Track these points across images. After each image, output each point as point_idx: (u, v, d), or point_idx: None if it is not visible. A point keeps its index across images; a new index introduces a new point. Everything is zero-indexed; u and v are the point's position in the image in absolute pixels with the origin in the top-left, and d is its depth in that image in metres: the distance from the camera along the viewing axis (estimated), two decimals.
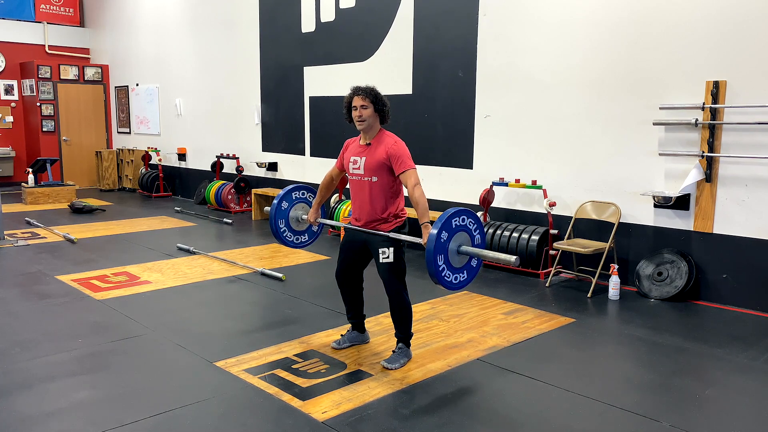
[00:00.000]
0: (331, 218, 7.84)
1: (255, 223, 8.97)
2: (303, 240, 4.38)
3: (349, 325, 4.22)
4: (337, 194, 8.13)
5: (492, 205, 6.58)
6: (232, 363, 3.81)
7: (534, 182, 6.14)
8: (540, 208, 6.23)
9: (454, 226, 3.32)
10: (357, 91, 3.74)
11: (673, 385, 3.58)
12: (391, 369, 3.72)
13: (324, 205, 4.28)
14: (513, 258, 3.25)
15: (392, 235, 3.68)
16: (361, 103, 3.70)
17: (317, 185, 8.67)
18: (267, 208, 4.36)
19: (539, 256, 5.95)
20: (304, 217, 4.25)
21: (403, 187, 3.75)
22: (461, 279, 3.44)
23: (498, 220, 6.54)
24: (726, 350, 4.11)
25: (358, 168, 3.75)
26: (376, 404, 3.29)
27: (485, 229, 6.29)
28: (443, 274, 3.32)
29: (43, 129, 12.42)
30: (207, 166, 10.71)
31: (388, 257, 3.69)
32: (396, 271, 3.72)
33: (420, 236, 3.60)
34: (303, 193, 4.30)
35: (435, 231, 3.26)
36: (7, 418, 3.12)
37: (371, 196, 3.73)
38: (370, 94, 3.71)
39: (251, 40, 9.44)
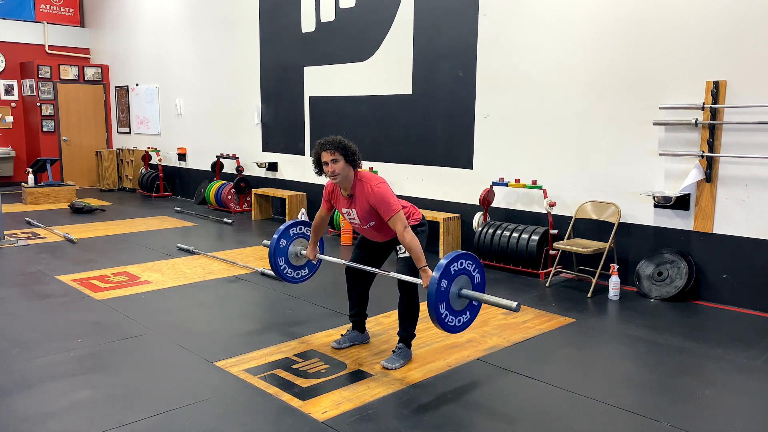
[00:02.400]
0: (331, 218, 7.84)
1: (255, 223, 8.97)
2: (303, 274, 4.42)
3: (350, 324, 4.22)
4: None
5: (492, 205, 6.58)
6: (232, 363, 3.81)
7: (534, 182, 6.14)
8: (540, 208, 6.23)
9: (452, 272, 3.30)
10: (324, 146, 3.65)
11: (673, 385, 3.58)
12: (391, 369, 3.72)
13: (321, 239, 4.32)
14: (514, 304, 3.22)
15: (392, 274, 3.73)
16: (330, 157, 3.61)
17: (317, 185, 8.69)
18: (266, 242, 4.37)
19: (539, 256, 5.95)
20: (303, 252, 4.27)
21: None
22: (464, 320, 3.43)
23: (498, 220, 6.54)
24: (726, 350, 4.11)
25: (354, 218, 3.80)
26: (376, 404, 3.29)
27: (485, 229, 6.29)
28: (446, 321, 3.31)
29: (43, 129, 12.42)
30: (207, 166, 10.71)
31: (405, 252, 3.71)
32: (412, 268, 3.73)
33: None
34: (300, 229, 4.33)
35: (435, 278, 3.24)
36: (7, 418, 3.12)
37: (376, 234, 3.85)
38: (338, 147, 3.62)
39: (251, 40, 9.44)
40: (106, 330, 4.39)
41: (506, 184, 6.31)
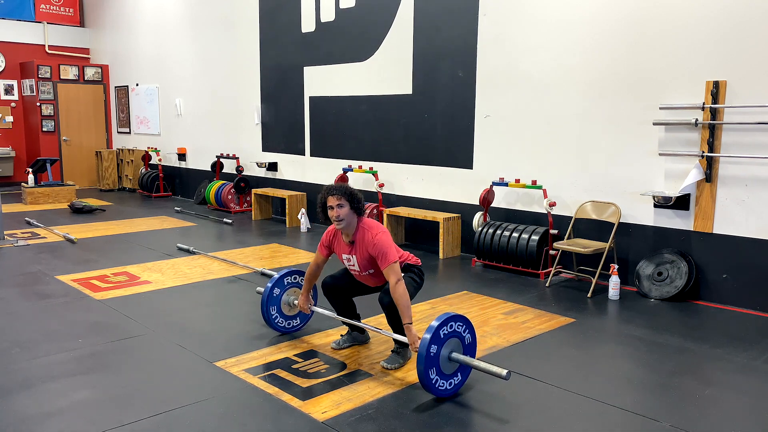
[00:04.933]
0: None
1: (255, 223, 8.97)
2: (295, 324, 4.34)
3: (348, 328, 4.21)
4: None
5: (492, 205, 6.58)
6: (232, 363, 3.81)
7: (534, 182, 6.14)
8: (540, 208, 6.23)
9: (442, 336, 3.27)
10: (331, 191, 3.68)
11: (673, 385, 3.58)
12: (391, 369, 3.72)
13: (314, 287, 4.25)
14: (504, 372, 3.17)
15: (383, 332, 3.79)
16: (336, 202, 3.64)
17: (317, 186, 8.69)
18: (259, 289, 4.32)
19: (539, 256, 5.94)
20: (297, 302, 4.23)
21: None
22: (455, 383, 3.39)
23: (498, 220, 6.54)
24: (726, 350, 4.11)
25: (354, 265, 3.83)
26: (376, 404, 3.29)
27: (485, 229, 6.29)
28: (437, 386, 3.28)
29: (43, 129, 12.42)
30: (207, 166, 10.71)
31: None
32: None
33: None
34: (295, 278, 4.29)
35: (424, 345, 3.20)
36: (7, 418, 3.12)
37: (373, 281, 3.89)
38: (345, 193, 3.65)
39: (251, 40, 9.44)
40: (106, 330, 4.39)
41: (506, 184, 6.31)
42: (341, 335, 4.19)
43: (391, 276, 3.55)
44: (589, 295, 5.33)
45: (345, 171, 7.98)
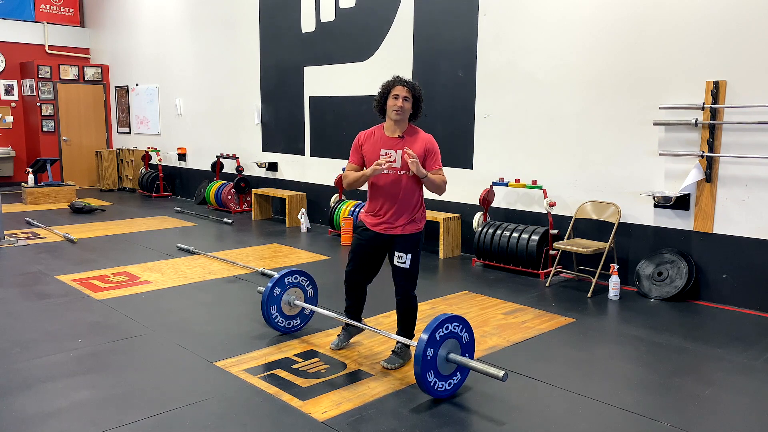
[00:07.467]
0: (331, 218, 7.83)
1: (255, 223, 8.97)
2: (295, 324, 4.34)
3: (343, 324, 4.18)
4: (337, 194, 8.12)
5: (492, 205, 6.58)
6: (232, 363, 3.81)
7: (534, 182, 6.14)
8: (540, 208, 6.23)
9: (438, 338, 3.27)
10: (402, 81, 3.66)
11: (673, 385, 3.58)
12: (391, 369, 3.72)
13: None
14: (501, 373, 3.16)
15: (385, 333, 3.78)
16: (405, 94, 3.64)
17: (317, 186, 8.69)
18: (260, 288, 4.33)
19: (539, 256, 5.94)
20: (297, 302, 4.23)
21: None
22: (455, 383, 3.38)
23: (498, 220, 6.54)
24: (726, 350, 4.12)
25: (394, 161, 3.67)
26: (376, 404, 3.29)
27: (485, 229, 6.29)
28: (435, 387, 3.28)
29: (43, 129, 12.42)
30: (207, 166, 10.71)
31: (405, 263, 3.69)
32: (410, 276, 3.74)
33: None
34: (296, 278, 4.27)
35: (420, 347, 3.19)
36: (7, 418, 3.12)
37: (405, 190, 3.67)
38: (415, 89, 3.68)
39: (251, 40, 9.44)
40: (106, 330, 4.39)
41: (506, 184, 6.31)
42: (338, 335, 4.18)
43: (442, 175, 3.70)
44: (589, 295, 5.33)
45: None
